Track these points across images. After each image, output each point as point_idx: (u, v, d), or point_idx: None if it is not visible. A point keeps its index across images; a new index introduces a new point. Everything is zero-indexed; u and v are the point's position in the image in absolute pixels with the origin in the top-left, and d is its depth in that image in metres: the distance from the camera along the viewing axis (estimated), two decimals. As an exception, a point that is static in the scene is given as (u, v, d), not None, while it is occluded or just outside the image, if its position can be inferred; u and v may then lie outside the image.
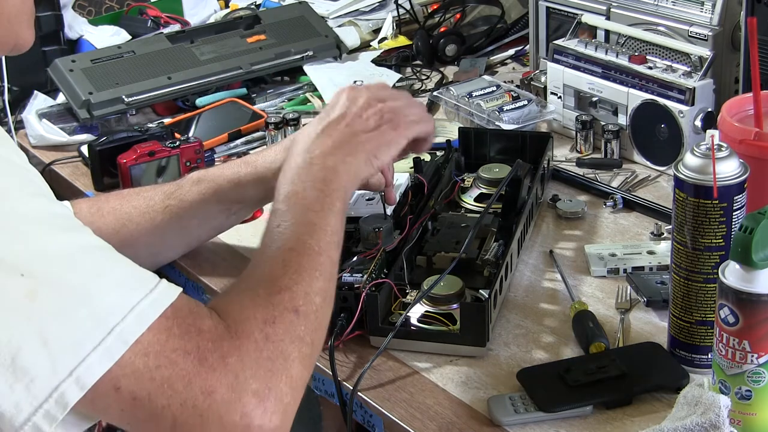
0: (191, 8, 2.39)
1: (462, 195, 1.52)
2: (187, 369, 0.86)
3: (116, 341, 0.83)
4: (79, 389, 0.82)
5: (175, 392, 0.85)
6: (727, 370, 1.04)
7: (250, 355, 0.89)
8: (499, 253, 1.34)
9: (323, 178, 1.11)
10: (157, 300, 0.87)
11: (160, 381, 0.85)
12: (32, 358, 0.81)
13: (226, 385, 0.87)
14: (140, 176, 1.64)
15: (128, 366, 0.84)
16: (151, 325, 0.85)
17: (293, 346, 0.93)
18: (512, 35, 2.20)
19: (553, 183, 1.62)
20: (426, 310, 1.26)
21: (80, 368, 0.82)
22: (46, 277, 0.82)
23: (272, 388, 0.89)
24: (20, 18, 0.97)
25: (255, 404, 0.87)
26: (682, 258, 1.13)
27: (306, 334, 0.95)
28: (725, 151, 1.10)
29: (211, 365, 0.87)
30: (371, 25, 2.27)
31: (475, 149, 1.62)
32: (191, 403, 0.86)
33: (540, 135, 1.64)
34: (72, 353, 0.82)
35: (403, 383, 1.20)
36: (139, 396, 0.85)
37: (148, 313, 0.85)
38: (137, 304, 0.85)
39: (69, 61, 1.96)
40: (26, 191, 0.86)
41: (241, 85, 2.03)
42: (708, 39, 1.62)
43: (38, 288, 0.81)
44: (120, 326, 0.83)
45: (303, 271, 1.00)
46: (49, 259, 0.83)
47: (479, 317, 1.21)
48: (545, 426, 1.11)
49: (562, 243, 1.47)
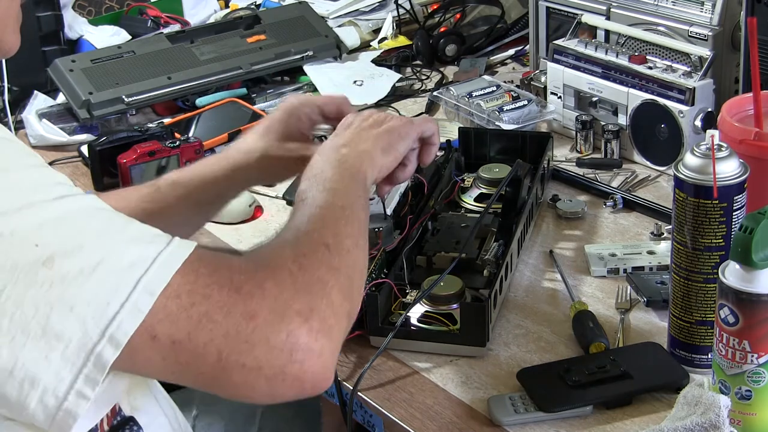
0: (191, 8, 2.39)
1: (462, 195, 1.52)
2: (223, 299, 0.84)
3: (143, 294, 0.82)
4: (115, 348, 0.81)
5: (215, 324, 0.83)
6: (727, 370, 1.04)
7: (285, 281, 0.87)
8: (499, 253, 1.34)
9: (339, 160, 1.12)
10: (177, 250, 0.85)
11: (197, 317, 0.83)
12: (62, 325, 0.80)
13: (267, 308, 0.85)
14: (140, 176, 1.64)
15: (161, 311, 0.82)
16: (177, 270, 0.84)
17: (329, 275, 0.91)
18: (512, 35, 2.20)
19: (553, 183, 1.62)
20: (426, 310, 1.26)
21: (111, 327, 0.81)
22: (60, 243, 0.81)
23: (314, 308, 0.87)
24: (5, 23, 0.97)
25: (299, 323, 0.85)
26: (682, 258, 1.13)
27: (341, 267, 0.93)
28: (725, 151, 1.09)
29: (248, 292, 0.85)
30: (371, 25, 2.27)
31: (475, 149, 1.62)
32: (234, 331, 0.84)
33: (540, 135, 1.64)
34: (100, 314, 0.81)
35: (403, 383, 1.20)
36: (178, 338, 0.83)
37: (171, 262, 0.84)
38: (158, 255, 0.84)
39: (69, 61, 1.96)
40: (27, 162, 0.86)
41: (241, 85, 2.03)
42: (708, 39, 1.62)
43: (54, 255, 0.80)
44: (144, 279, 0.82)
45: (327, 218, 0.99)
46: (61, 225, 0.82)
47: (479, 317, 1.21)
48: (545, 426, 1.11)
49: (562, 243, 1.47)
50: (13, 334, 0.80)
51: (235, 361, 0.84)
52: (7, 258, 0.80)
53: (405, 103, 2.00)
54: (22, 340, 0.80)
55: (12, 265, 0.80)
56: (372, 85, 2.03)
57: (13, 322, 0.80)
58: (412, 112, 1.94)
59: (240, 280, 0.86)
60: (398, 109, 1.96)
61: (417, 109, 1.95)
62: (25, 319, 0.80)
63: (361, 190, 1.10)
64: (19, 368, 0.80)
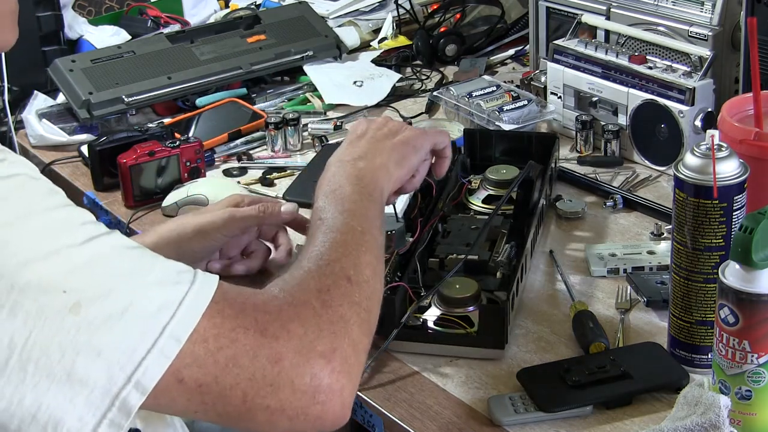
0: (191, 8, 2.39)
1: (469, 197, 1.51)
2: (250, 343, 0.86)
3: (169, 340, 0.83)
4: (141, 394, 0.82)
5: (242, 368, 0.85)
6: (727, 370, 1.04)
7: (310, 320, 0.90)
8: (512, 255, 1.34)
9: (357, 175, 1.15)
10: (201, 291, 0.86)
11: (224, 362, 0.85)
12: (87, 370, 0.81)
13: (292, 350, 0.87)
14: (140, 176, 1.64)
15: (188, 356, 0.83)
16: (203, 313, 0.85)
17: (351, 311, 0.93)
18: (512, 35, 2.20)
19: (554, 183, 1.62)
20: (442, 313, 1.26)
21: (137, 373, 0.82)
22: (87, 288, 0.82)
23: (336, 349, 0.89)
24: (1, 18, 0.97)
25: (323, 365, 0.88)
26: (682, 258, 1.13)
27: (361, 301, 0.96)
28: (725, 151, 1.09)
29: (273, 334, 0.87)
30: (371, 25, 2.27)
31: (480, 150, 1.61)
32: (260, 375, 0.86)
33: (546, 136, 1.64)
34: (127, 359, 0.81)
35: (403, 383, 1.20)
36: (205, 381, 0.84)
37: (196, 305, 0.85)
38: (183, 299, 0.85)
39: (69, 61, 1.96)
40: (52, 203, 0.86)
41: (241, 85, 2.03)
42: (708, 39, 1.62)
43: (81, 300, 0.81)
44: (171, 324, 0.83)
45: (349, 245, 1.02)
46: (89, 270, 0.83)
47: (498, 319, 1.21)
48: (545, 426, 1.11)
49: (562, 243, 1.47)
50: (38, 380, 0.80)
51: (259, 403, 0.86)
52: (35, 304, 0.80)
53: (405, 103, 2.00)
54: (46, 384, 0.80)
55: (39, 310, 0.80)
56: (372, 85, 2.03)
57: (38, 368, 0.80)
58: (412, 112, 1.94)
59: (265, 321, 0.88)
60: (398, 109, 1.96)
61: (417, 109, 1.95)
62: (50, 364, 0.80)
63: (378, 210, 1.13)
64: (43, 412, 0.81)
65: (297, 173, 1.72)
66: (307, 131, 1.87)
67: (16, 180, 0.84)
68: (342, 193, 1.12)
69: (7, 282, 0.80)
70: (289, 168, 1.75)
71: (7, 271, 0.80)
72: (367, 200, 1.12)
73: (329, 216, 1.08)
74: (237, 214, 1.35)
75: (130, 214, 1.63)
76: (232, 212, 1.36)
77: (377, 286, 1.02)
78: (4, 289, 0.80)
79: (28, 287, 0.80)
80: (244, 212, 1.36)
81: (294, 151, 1.82)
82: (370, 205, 1.11)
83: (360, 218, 1.08)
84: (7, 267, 0.80)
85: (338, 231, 1.04)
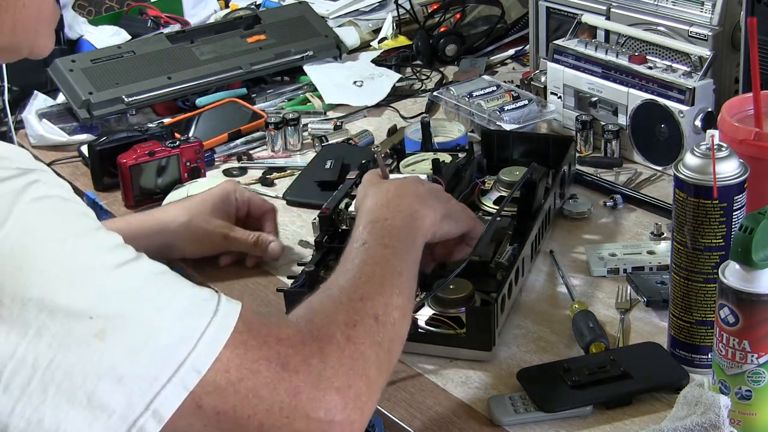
0: (191, 8, 2.39)
1: (482, 198, 1.50)
2: (270, 376, 0.88)
3: (190, 371, 0.84)
4: (157, 422, 0.83)
5: (261, 400, 0.87)
6: (727, 370, 1.04)
7: (332, 355, 0.92)
8: (513, 257, 1.34)
9: (410, 213, 1.17)
10: (223, 321, 0.87)
11: (244, 392, 0.87)
12: (108, 396, 0.81)
13: (310, 384, 0.89)
14: (140, 176, 1.64)
15: (210, 384, 0.85)
16: (225, 343, 0.86)
17: (372, 350, 0.95)
18: (512, 35, 2.20)
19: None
20: (434, 313, 1.26)
21: (156, 401, 0.83)
22: (112, 315, 0.83)
23: (352, 386, 0.91)
24: (36, 25, 0.97)
25: (338, 401, 0.90)
26: (682, 258, 1.13)
27: (384, 341, 0.98)
28: (725, 151, 1.09)
29: (294, 368, 0.89)
30: (371, 25, 2.27)
31: (497, 152, 1.61)
32: (278, 407, 0.88)
33: (562, 138, 1.64)
34: (147, 387, 0.82)
35: (404, 383, 1.20)
36: (223, 410, 0.86)
37: (218, 337, 0.86)
38: (205, 329, 0.86)
39: (69, 61, 1.96)
40: (82, 227, 0.86)
41: (241, 85, 2.03)
42: (708, 39, 1.62)
43: (106, 327, 0.82)
44: (192, 356, 0.84)
45: (385, 285, 1.03)
46: (114, 298, 0.83)
47: (485, 321, 1.21)
48: (545, 426, 1.11)
49: (563, 243, 1.47)
50: (58, 402, 0.81)
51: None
52: (62, 328, 0.81)
53: (405, 103, 2.00)
54: (66, 407, 0.81)
55: (65, 335, 0.81)
56: (372, 85, 2.03)
57: (60, 390, 0.81)
58: (412, 112, 1.94)
59: (287, 354, 0.89)
60: (398, 109, 1.96)
61: (417, 109, 1.95)
62: (72, 387, 0.81)
63: (418, 254, 1.15)
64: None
65: (297, 173, 1.72)
66: (307, 131, 1.87)
67: (48, 202, 0.85)
68: (391, 226, 1.13)
69: (36, 304, 0.80)
70: (289, 168, 1.75)
71: (36, 293, 0.81)
72: (412, 241, 1.14)
73: (372, 244, 1.10)
74: (230, 235, 1.42)
75: (130, 214, 1.63)
76: (226, 233, 1.42)
77: (403, 331, 1.04)
78: (33, 311, 0.80)
79: (56, 310, 0.81)
80: (238, 238, 1.42)
81: (294, 151, 1.82)
82: (412, 248, 1.13)
83: (401, 258, 1.09)
84: (37, 289, 0.81)
85: (378, 265, 1.06)
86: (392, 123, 1.89)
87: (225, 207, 1.44)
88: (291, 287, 1.32)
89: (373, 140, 1.83)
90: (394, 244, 1.11)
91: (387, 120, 1.93)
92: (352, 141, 1.82)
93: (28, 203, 0.83)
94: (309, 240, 1.50)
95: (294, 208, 1.63)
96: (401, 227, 1.14)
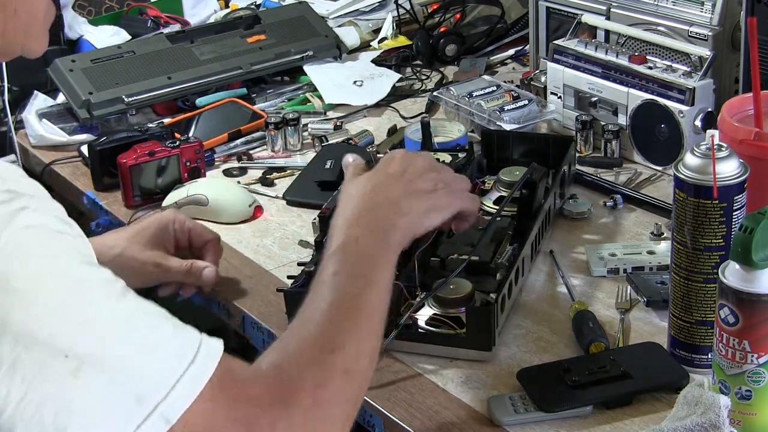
0: (191, 8, 2.39)
1: (482, 198, 1.50)
2: None
3: (159, 420, 0.83)
4: None
5: None
6: (727, 370, 1.04)
7: (297, 419, 0.91)
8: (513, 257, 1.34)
9: (382, 229, 1.11)
10: (200, 371, 0.86)
11: None
12: None
13: None
14: (140, 176, 1.64)
15: None
16: (197, 396, 0.85)
17: (339, 409, 0.94)
18: (512, 35, 2.20)
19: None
20: (434, 313, 1.26)
21: None
22: (88, 355, 0.82)
23: None
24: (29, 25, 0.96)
25: None
26: (682, 258, 1.13)
27: (352, 396, 0.97)
28: (725, 151, 1.09)
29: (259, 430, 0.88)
30: (371, 25, 2.27)
31: (497, 152, 1.61)
32: None
33: (563, 138, 1.63)
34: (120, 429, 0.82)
35: (403, 383, 1.20)
36: None
37: (191, 388, 0.85)
38: (180, 377, 0.85)
39: (69, 61, 1.96)
40: (69, 261, 0.85)
41: (241, 85, 2.03)
42: (708, 39, 1.62)
43: (82, 367, 0.81)
44: (163, 404, 0.83)
45: (356, 331, 1.00)
46: (92, 337, 0.83)
47: (485, 321, 1.21)
48: (545, 426, 1.11)
49: (563, 243, 1.47)
50: None
51: None
52: (35, 365, 0.80)
53: (405, 103, 1.99)
54: None
55: (38, 371, 0.80)
56: (372, 85, 2.03)
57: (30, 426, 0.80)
58: (412, 112, 1.94)
59: (255, 416, 0.88)
60: (398, 109, 1.96)
61: (417, 109, 1.95)
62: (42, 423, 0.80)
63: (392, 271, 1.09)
64: None
65: (297, 173, 1.72)
66: (307, 131, 1.87)
67: (35, 231, 0.84)
68: (362, 250, 1.08)
69: (13, 337, 0.80)
70: (289, 168, 1.75)
71: (14, 327, 0.80)
72: (384, 266, 1.08)
73: (344, 276, 1.05)
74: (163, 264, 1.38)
75: (130, 214, 1.63)
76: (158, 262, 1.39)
77: (369, 373, 1.01)
78: (9, 344, 0.80)
79: (32, 345, 0.80)
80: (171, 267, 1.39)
81: (294, 151, 1.82)
82: (386, 274, 1.08)
83: (374, 291, 1.05)
84: (15, 322, 0.80)
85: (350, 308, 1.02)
86: (392, 123, 1.89)
87: (162, 237, 1.40)
88: (291, 287, 1.32)
89: (373, 140, 1.83)
90: (365, 272, 1.06)
91: (387, 120, 1.93)
92: (352, 141, 1.82)
93: (12, 233, 0.82)
94: (309, 240, 1.50)
95: (294, 208, 1.63)
96: (374, 246, 1.09)
